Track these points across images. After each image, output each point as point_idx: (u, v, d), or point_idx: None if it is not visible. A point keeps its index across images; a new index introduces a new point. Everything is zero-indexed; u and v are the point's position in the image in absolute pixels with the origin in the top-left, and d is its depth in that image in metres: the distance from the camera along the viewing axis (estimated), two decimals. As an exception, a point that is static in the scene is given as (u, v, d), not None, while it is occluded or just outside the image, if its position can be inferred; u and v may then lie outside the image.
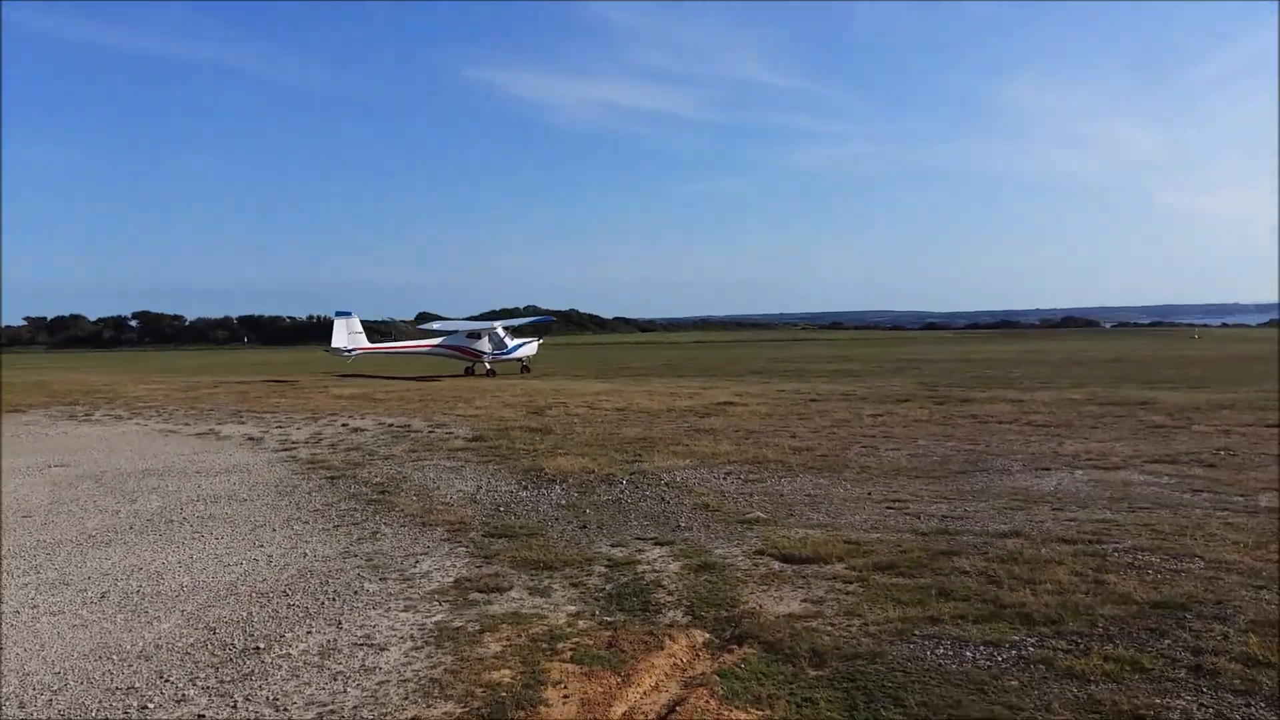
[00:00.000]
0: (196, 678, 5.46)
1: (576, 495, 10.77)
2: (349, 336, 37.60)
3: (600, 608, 6.62)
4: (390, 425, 18.43)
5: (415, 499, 10.72)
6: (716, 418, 18.78)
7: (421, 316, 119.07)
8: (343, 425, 18.66)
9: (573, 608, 6.62)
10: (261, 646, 5.95)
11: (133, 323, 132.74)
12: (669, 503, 10.25)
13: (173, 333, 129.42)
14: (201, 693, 5.24)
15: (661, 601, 6.70)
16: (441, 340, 38.67)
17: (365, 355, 38.45)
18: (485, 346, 37.66)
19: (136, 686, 5.34)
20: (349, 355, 37.58)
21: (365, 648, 5.89)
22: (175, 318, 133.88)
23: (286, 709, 5.00)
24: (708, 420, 18.30)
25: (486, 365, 37.37)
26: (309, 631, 6.23)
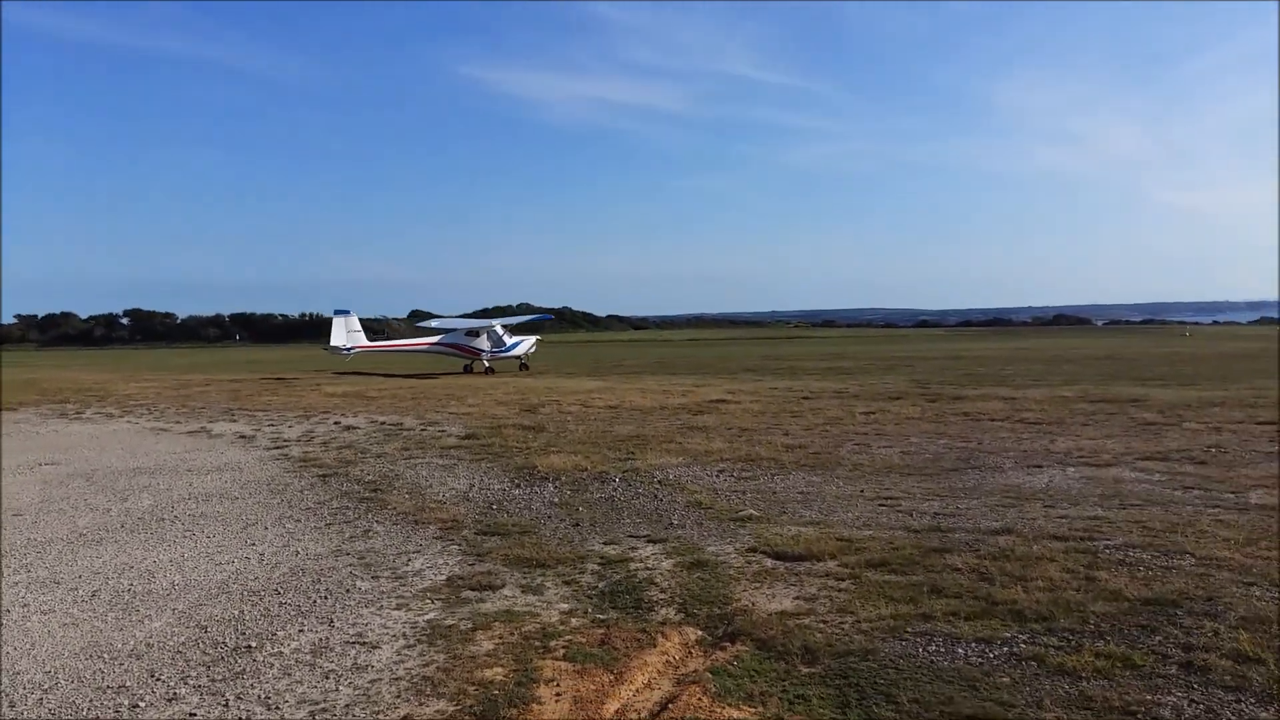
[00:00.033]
0: (188, 676, 5.44)
1: (569, 493, 10.77)
2: (348, 335, 37.77)
3: (593, 605, 6.62)
4: (383, 423, 18.41)
5: (408, 497, 10.71)
6: (709, 415, 18.79)
7: (414, 314, 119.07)
8: (335, 423, 18.63)
9: (565, 605, 6.62)
10: (253, 645, 5.94)
11: (124, 320, 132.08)
12: (662, 500, 10.26)
13: (164, 330, 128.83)
14: (193, 691, 5.22)
15: (654, 599, 6.70)
16: (440, 338, 38.76)
17: (363, 353, 38.51)
18: (484, 344, 37.70)
19: (127, 685, 5.33)
20: (348, 353, 37.67)
21: (357, 646, 5.88)
22: (166, 315, 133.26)
23: (278, 707, 4.99)
24: (700, 418, 18.31)
25: (485, 363, 37.40)
26: (301, 630, 6.22)
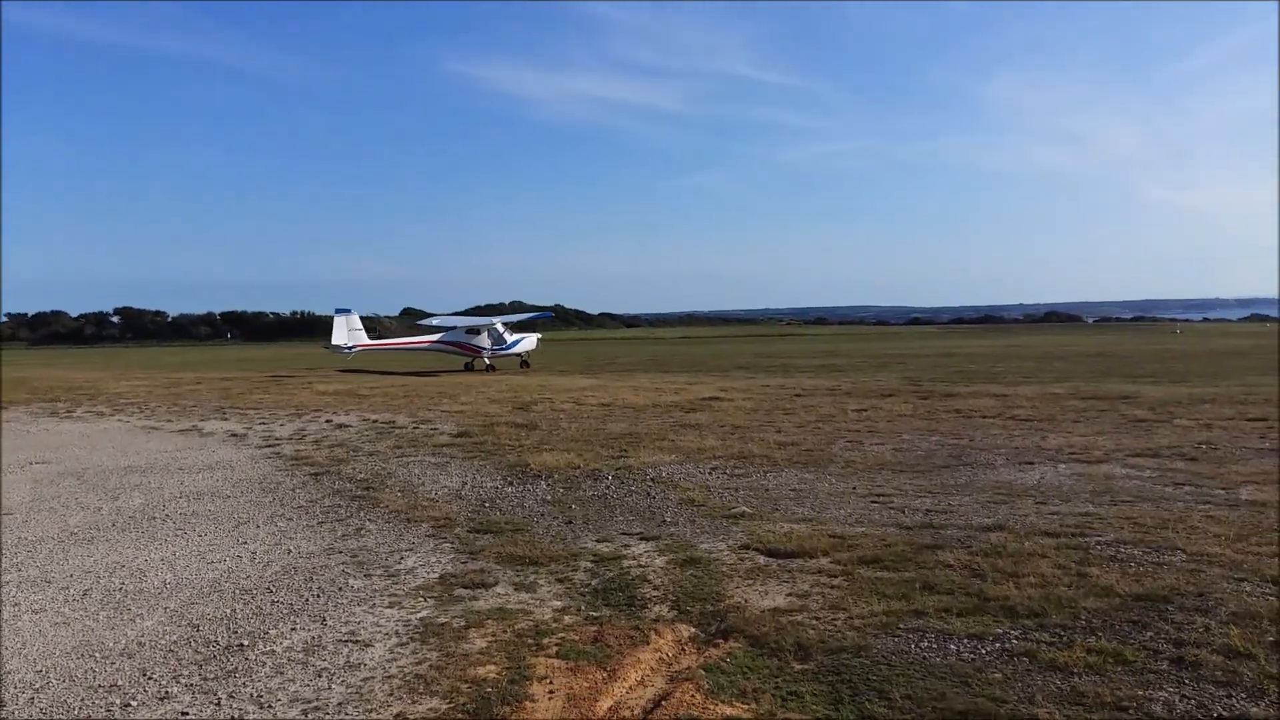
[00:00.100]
0: (180, 675, 5.43)
1: (562, 491, 10.76)
2: (349, 333, 37.91)
3: (586, 603, 6.62)
4: (375, 421, 18.37)
5: (400, 495, 10.69)
6: (702, 413, 18.80)
7: (406, 312, 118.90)
8: (327, 421, 18.58)
9: (558, 603, 6.62)
10: (245, 643, 5.92)
11: (114, 318, 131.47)
12: (654, 498, 10.26)
13: (155, 329, 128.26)
14: (185, 690, 5.21)
15: (647, 596, 6.70)
16: (441, 336, 38.81)
17: (364, 351, 38.56)
18: (484, 342, 37.73)
19: (119, 684, 5.31)
20: (349, 352, 37.69)
21: (350, 644, 5.87)
22: (157, 313, 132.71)
23: (271, 706, 4.98)
24: (693, 415, 18.32)
25: (486, 361, 37.41)
26: (293, 628, 6.21)
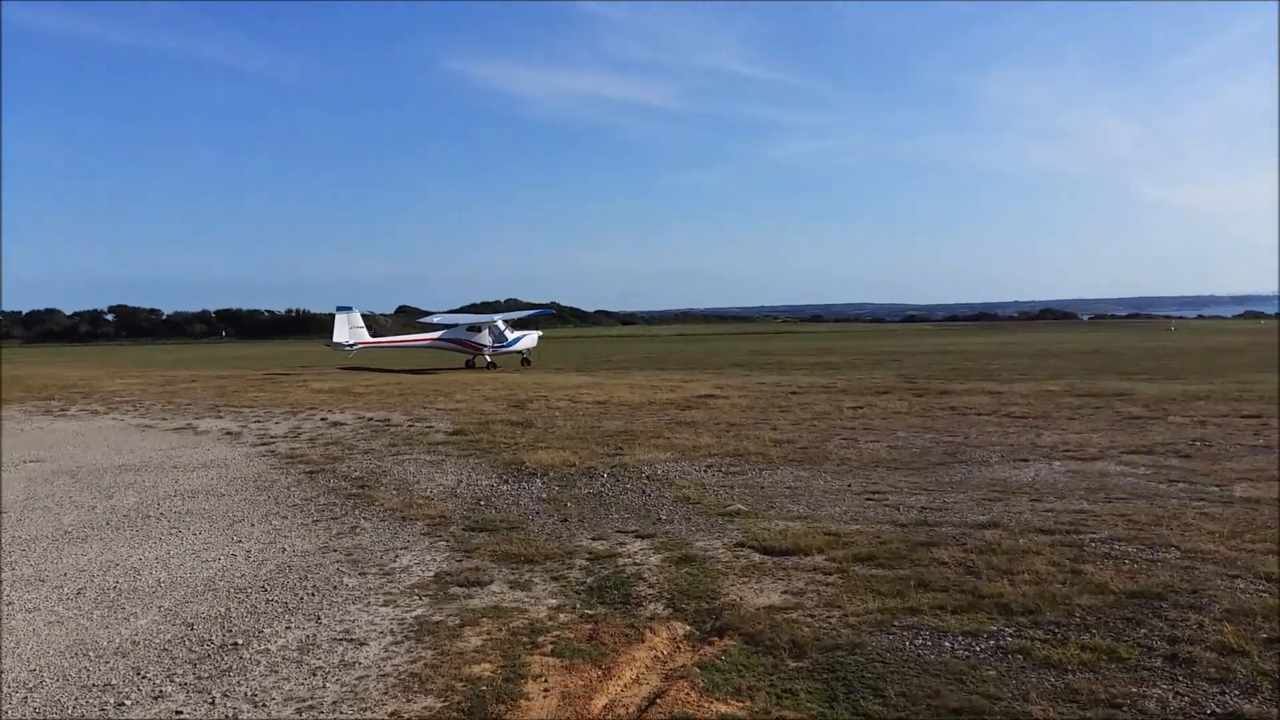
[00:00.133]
0: (174, 674, 5.41)
1: (557, 489, 10.76)
2: (350, 331, 37.97)
3: (581, 601, 6.62)
4: (370, 419, 18.34)
5: (395, 493, 10.68)
6: (697, 411, 18.80)
7: (402, 310, 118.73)
8: (321, 419, 18.55)
9: (553, 601, 6.62)
10: (240, 642, 5.91)
11: (109, 316, 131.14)
12: (650, 496, 10.25)
13: (149, 327, 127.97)
14: (179, 689, 5.20)
15: (642, 594, 6.70)
16: (442, 334, 38.85)
17: (366, 349, 38.61)
18: (486, 340, 37.75)
19: (113, 683, 5.30)
20: (350, 349, 37.70)
21: (344, 643, 5.86)
22: (152, 311, 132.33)
23: (265, 705, 4.97)
24: (689, 413, 18.32)
25: (487, 358, 37.40)
26: (288, 627, 6.20)
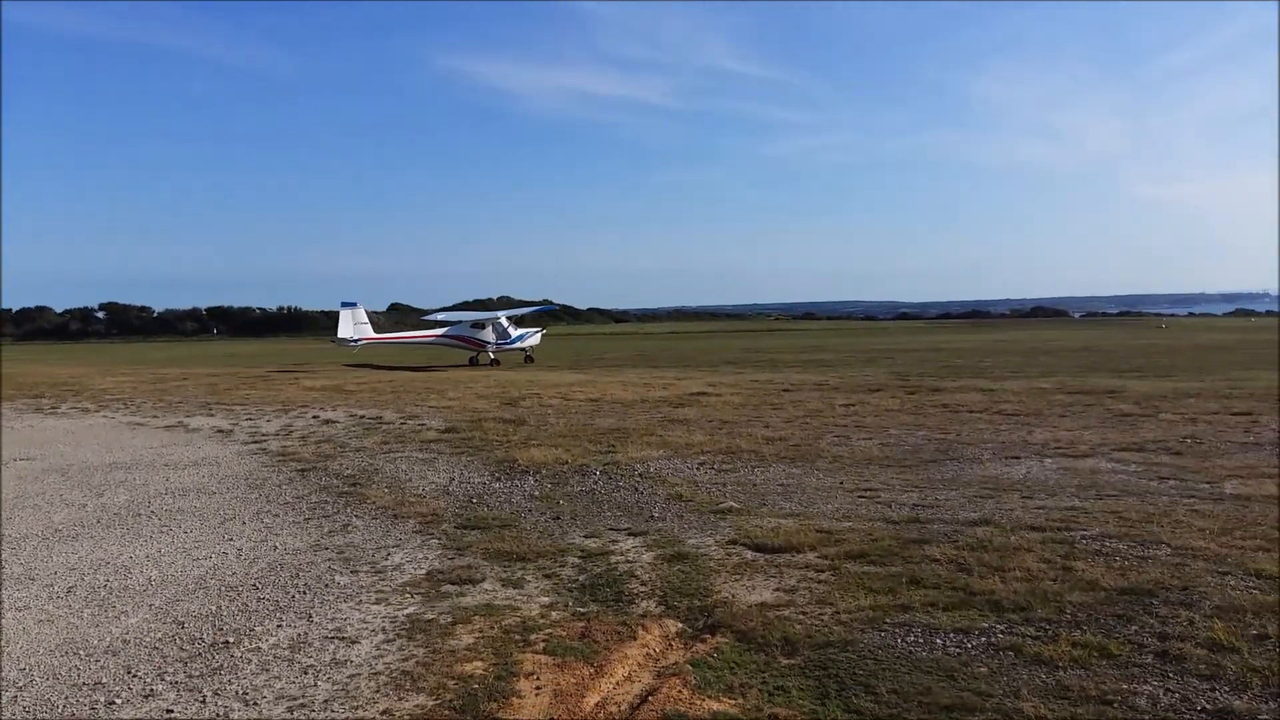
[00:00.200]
0: (165, 672, 5.40)
1: (550, 486, 10.75)
2: (354, 326, 38.00)
3: (573, 599, 6.62)
4: (362, 417, 18.31)
5: (387, 491, 10.66)
6: (690, 408, 18.81)
7: (394, 308, 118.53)
8: (313, 417, 18.51)
9: (546, 599, 6.61)
10: (231, 640, 5.89)
11: (99, 314, 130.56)
12: (642, 493, 10.25)
13: (140, 324, 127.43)
14: (170, 688, 5.18)
15: (635, 592, 6.70)
16: (445, 330, 38.87)
17: (369, 345, 38.67)
18: (489, 336, 37.74)
19: (104, 682, 5.28)
20: (355, 345, 37.67)
21: (336, 641, 5.85)
22: (143, 309, 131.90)
23: (256, 703, 4.96)
24: (681, 411, 18.33)
25: (490, 355, 37.42)
26: (279, 625, 6.18)
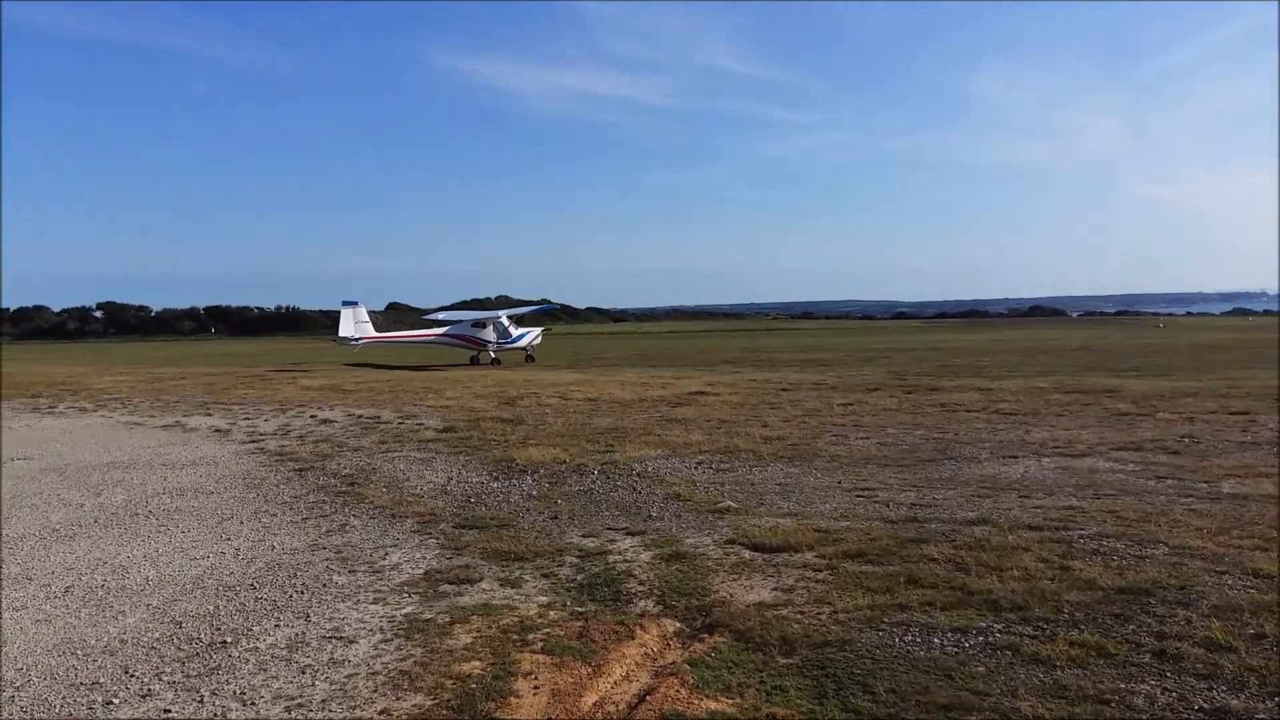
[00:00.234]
0: (162, 672, 5.39)
1: (548, 486, 10.75)
2: (355, 325, 38.05)
3: (571, 598, 6.61)
4: (359, 417, 18.30)
5: (385, 491, 10.65)
6: (688, 407, 18.81)
7: (392, 307, 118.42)
8: (311, 417, 18.50)
9: (544, 598, 6.61)
10: (228, 640, 5.89)
11: (97, 313, 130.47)
12: (640, 493, 10.25)
13: (138, 323, 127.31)
14: (167, 687, 5.17)
15: (633, 591, 6.70)
16: (447, 329, 38.91)
17: (370, 344, 38.69)
18: (490, 335, 37.78)
19: (101, 682, 5.27)
20: (356, 344, 37.70)
21: (334, 641, 5.85)
22: (141, 308, 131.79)
23: (254, 703, 4.95)
24: (679, 410, 18.32)
25: (491, 354, 37.45)
26: (277, 625, 6.17)
